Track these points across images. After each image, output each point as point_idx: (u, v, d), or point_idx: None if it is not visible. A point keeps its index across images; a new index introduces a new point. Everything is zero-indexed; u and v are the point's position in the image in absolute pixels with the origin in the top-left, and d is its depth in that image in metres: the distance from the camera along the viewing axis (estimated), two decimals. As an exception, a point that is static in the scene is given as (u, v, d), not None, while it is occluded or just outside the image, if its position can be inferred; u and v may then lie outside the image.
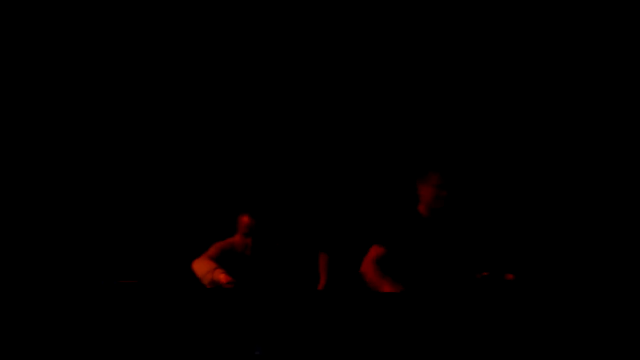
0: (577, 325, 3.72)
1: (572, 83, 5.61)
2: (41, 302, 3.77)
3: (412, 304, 3.78)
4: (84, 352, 3.71)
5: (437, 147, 5.76)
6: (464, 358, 3.68)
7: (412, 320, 3.75)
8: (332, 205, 5.77)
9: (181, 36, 5.69)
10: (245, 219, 4.72)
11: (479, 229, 4.77)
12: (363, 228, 5.61)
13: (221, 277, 4.40)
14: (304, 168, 5.83)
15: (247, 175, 5.81)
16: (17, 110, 5.66)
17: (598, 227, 5.45)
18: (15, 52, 5.63)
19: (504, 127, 5.73)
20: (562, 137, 5.62)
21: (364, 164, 5.80)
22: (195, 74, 5.78)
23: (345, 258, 5.42)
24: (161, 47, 5.70)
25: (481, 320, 3.72)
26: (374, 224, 4.78)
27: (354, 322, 3.75)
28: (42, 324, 3.75)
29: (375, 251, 4.06)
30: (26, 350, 3.70)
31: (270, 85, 5.82)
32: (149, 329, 3.78)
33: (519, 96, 5.68)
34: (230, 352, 3.77)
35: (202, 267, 4.53)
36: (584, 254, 5.40)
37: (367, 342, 3.73)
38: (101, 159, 5.75)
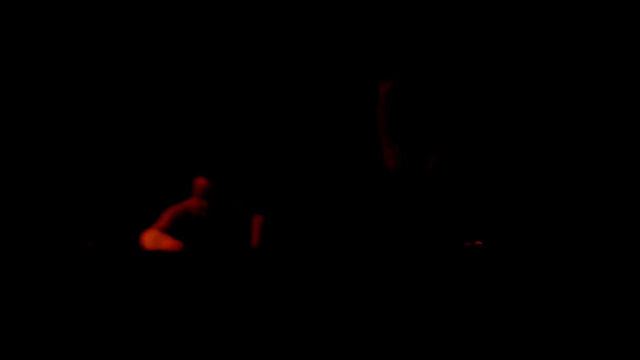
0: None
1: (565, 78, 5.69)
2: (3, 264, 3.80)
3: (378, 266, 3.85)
4: (45, 316, 3.75)
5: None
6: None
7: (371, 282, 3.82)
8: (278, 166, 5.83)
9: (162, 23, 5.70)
10: (201, 181, 4.67)
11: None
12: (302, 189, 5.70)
13: (165, 244, 4.44)
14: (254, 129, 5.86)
15: (203, 138, 5.82)
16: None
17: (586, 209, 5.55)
18: (14, 51, 5.62)
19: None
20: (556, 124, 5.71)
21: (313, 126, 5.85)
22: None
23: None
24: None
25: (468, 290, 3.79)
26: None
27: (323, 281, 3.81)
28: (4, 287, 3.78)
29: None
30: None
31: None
32: (108, 292, 3.80)
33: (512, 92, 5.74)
34: (194, 313, 3.81)
35: (149, 239, 4.54)
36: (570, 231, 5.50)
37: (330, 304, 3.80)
38: (61, 126, 5.74)
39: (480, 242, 4.34)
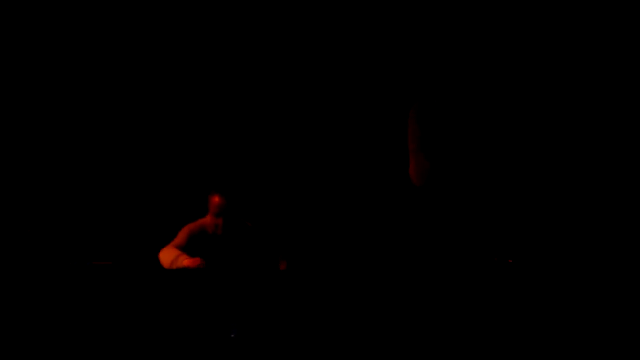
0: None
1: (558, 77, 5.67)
2: (14, 284, 3.78)
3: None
4: (58, 334, 3.74)
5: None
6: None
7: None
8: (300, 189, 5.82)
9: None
10: (215, 199, 4.62)
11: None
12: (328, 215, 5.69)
13: (185, 263, 4.40)
14: (274, 149, 5.86)
15: (218, 155, 5.82)
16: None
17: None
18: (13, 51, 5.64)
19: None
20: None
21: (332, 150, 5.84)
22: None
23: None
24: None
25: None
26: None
27: (326, 301, 3.79)
28: (15, 306, 3.76)
29: None
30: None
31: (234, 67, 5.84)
32: (123, 311, 3.79)
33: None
34: (206, 333, 3.80)
35: (167, 257, 4.52)
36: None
37: (346, 325, 3.77)
38: (72, 139, 5.74)
39: (510, 260, 4.31)
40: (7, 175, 5.64)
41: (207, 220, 4.71)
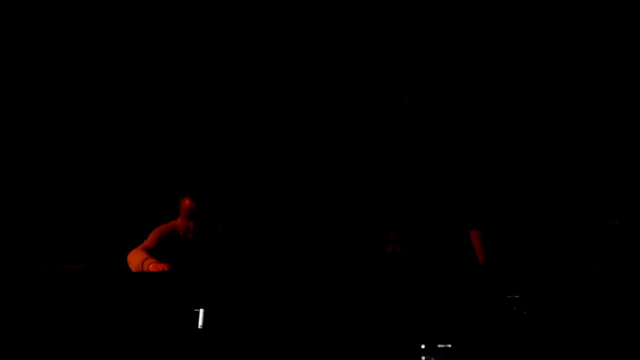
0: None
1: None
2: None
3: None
4: (29, 339, 3.73)
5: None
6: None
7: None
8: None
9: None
10: (186, 202, 4.63)
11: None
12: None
13: (151, 268, 4.38)
14: (246, 152, 5.87)
15: (190, 158, 5.82)
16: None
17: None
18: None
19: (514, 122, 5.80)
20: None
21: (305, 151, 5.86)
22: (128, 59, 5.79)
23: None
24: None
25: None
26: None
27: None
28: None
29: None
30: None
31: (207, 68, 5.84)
32: (95, 314, 3.79)
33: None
34: (176, 333, 3.80)
35: (134, 260, 4.50)
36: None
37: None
38: (45, 143, 5.73)
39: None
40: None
41: (178, 222, 4.71)
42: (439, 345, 3.72)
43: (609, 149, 5.67)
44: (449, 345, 3.76)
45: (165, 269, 4.36)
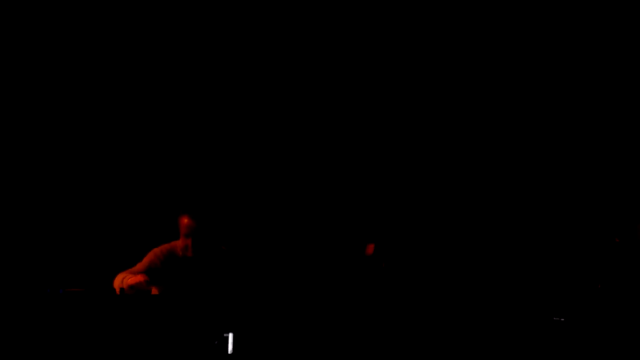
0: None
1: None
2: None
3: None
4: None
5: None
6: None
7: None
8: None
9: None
10: (184, 220, 4.56)
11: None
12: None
13: (130, 281, 4.33)
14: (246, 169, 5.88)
15: (189, 177, 5.80)
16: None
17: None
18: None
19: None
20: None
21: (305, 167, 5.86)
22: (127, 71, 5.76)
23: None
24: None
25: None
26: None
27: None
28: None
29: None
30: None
31: (205, 81, 5.81)
32: (97, 336, 3.80)
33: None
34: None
35: (116, 282, 4.46)
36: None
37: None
38: (41, 163, 5.72)
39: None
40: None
41: (178, 242, 4.65)
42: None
43: (610, 168, 5.66)
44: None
45: (142, 279, 4.34)
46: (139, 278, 4.34)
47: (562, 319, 4.12)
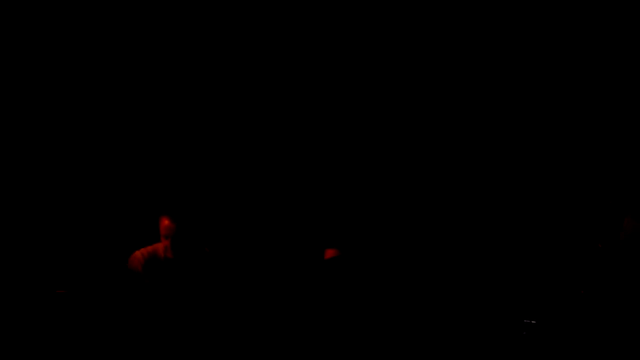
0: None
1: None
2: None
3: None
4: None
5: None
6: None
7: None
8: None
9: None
10: (164, 222, 4.51)
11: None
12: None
13: None
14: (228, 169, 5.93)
15: (170, 178, 5.79)
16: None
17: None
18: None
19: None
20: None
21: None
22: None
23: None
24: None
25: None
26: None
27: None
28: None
29: None
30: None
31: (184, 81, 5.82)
32: (81, 337, 3.86)
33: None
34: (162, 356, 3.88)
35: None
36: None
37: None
38: (24, 167, 5.71)
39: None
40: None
41: (160, 244, 4.62)
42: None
43: (592, 174, 5.61)
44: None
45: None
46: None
47: (534, 322, 4.19)
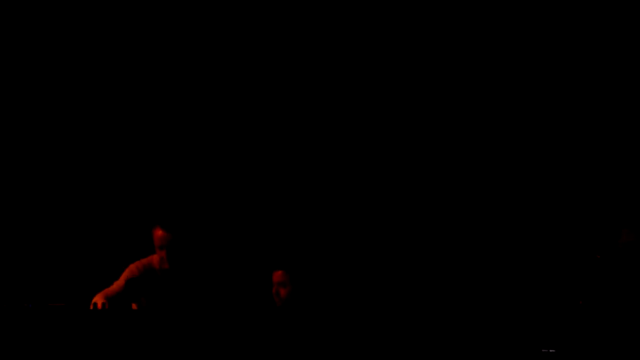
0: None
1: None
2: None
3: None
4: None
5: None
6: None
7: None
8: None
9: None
10: (158, 232, 4.45)
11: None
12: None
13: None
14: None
15: (162, 188, 5.77)
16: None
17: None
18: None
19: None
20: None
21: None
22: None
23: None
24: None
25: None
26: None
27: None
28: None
29: None
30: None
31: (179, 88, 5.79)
32: (79, 353, 3.83)
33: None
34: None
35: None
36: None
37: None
38: (17, 176, 5.69)
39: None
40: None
41: (155, 255, 4.57)
42: None
43: (591, 185, 5.56)
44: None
45: (98, 301, 4.29)
46: (97, 299, 4.30)
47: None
